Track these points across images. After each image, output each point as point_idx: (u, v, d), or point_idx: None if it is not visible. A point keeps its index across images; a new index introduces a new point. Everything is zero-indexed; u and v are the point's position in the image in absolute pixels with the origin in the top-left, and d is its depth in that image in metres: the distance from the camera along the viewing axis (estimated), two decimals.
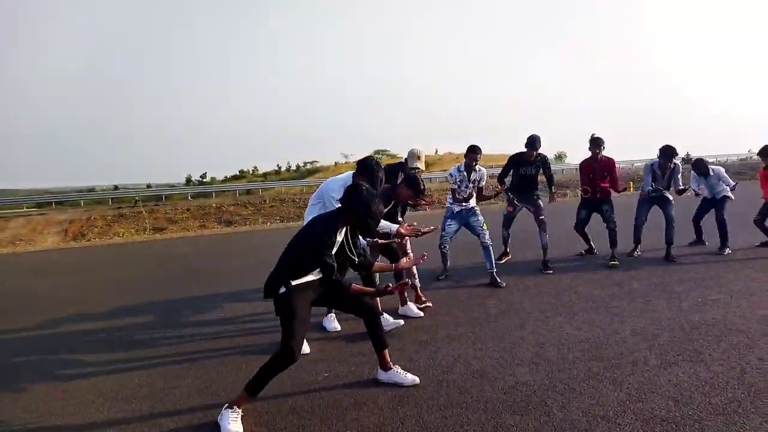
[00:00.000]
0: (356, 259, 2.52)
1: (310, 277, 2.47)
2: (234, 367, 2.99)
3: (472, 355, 2.98)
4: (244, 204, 19.98)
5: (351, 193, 2.39)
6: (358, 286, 2.55)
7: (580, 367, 2.72)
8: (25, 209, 21.39)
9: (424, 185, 3.60)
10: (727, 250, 5.57)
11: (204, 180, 38.69)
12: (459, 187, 4.73)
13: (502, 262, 5.60)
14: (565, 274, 4.99)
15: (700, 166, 5.73)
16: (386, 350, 2.62)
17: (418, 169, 4.03)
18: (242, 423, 2.24)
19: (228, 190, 26.45)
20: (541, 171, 5.16)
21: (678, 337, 3.11)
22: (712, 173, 5.64)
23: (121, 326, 4.02)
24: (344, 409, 2.40)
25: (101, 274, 6.82)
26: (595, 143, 5.24)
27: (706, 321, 3.36)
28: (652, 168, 5.40)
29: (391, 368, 2.62)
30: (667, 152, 5.19)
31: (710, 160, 6.61)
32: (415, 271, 4.09)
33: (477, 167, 4.73)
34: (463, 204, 4.75)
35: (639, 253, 5.68)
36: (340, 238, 2.43)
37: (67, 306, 4.79)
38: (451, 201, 4.84)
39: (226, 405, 2.29)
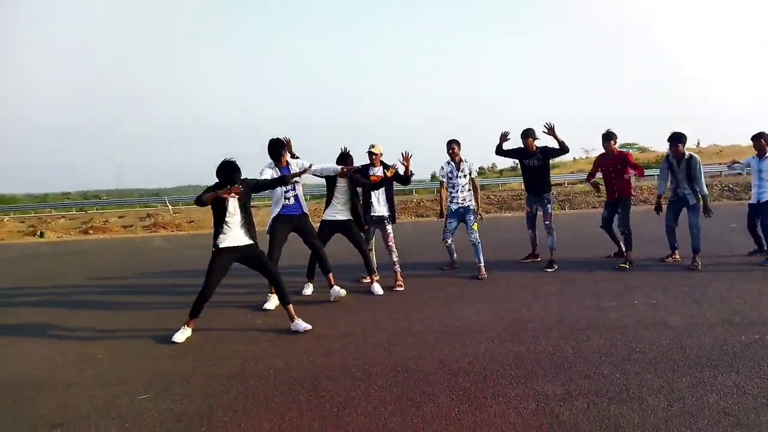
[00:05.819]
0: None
1: (231, 243, 3.55)
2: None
3: (374, 319, 3.88)
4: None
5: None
6: None
7: (424, 337, 3.37)
8: None
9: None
10: None
11: None
12: (450, 179, 5.25)
13: (528, 261, 5.82)
14: (556, 272, 5.16)
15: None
16: (290, 305, 3.67)
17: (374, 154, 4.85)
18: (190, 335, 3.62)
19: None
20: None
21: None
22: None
23: None
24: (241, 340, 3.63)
25: None
26: (606, 137, 5.19)
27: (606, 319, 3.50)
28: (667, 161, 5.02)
29: (294, 321, 3.65)
30: (673, 137, 4.88)
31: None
32: (395, 258, 4.95)
33: (465, 159, 5.19)
34: (460, 201, 5.23)
35: (674, 258, 5.21)
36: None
37: None
38: (450, 200, 5.33)
39: (183, 323, 3.68)
